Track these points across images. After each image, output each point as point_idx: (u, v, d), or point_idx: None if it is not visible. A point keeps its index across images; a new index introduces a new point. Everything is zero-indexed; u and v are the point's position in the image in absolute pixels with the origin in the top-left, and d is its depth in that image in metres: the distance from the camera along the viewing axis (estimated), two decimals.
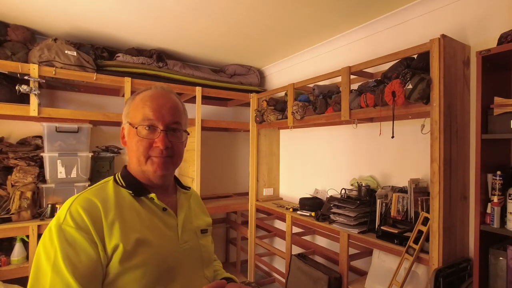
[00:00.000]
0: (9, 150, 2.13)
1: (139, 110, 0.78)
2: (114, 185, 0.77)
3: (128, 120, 0.79)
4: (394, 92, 1.55)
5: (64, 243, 0.63)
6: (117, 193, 0.75)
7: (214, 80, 2.92)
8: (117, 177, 0.80)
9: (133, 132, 0.77)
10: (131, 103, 0.81)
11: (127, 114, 0.81)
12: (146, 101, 0.78)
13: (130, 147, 0.79)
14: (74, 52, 2.22)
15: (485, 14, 1.59)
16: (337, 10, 1.99)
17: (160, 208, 0.79)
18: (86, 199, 0.70)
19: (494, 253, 1.32)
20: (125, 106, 0.83)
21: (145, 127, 0.76)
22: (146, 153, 0.76)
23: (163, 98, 0.80)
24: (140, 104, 0.78)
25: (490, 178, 1.32)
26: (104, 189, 0.76)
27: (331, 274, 1.91)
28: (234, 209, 3.05)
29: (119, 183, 0.78)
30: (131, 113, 0.79)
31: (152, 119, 0.76)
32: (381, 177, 2.11)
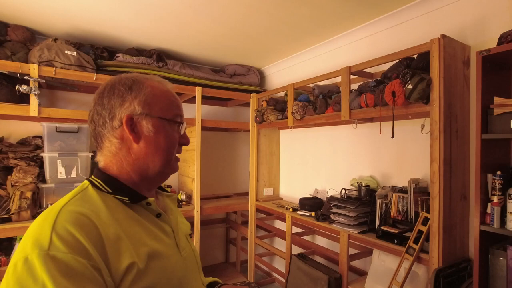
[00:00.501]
0: (9, 150, 2.13)
1: (166, 102, 0.69)
2: (98, 192, 0.63)
3: (153, 112, 0.67)
4: (394, 92, 1.55)
5: (58, 277, 0.46)
6: (105, 202, 0.61)
7: (214, 80, 2.92)
8: (97, 183, 0.64)
9: (164, 126, 0.67)
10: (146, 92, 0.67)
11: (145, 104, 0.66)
12: (170, 96, 0.71)
13: (155, 144, 0.66)
14: (74, 52, 2.22)
15: (485, 14, 1.59)
16: (337, 10, 1.99)
17: (155, 214, 0.69)
18: (73, 214, 0.54)
19: (494, 253, 1.32)
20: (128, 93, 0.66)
21: (178, 122, 0.71)
22: (174, 151, 0.70)
23: (175, 94, 0.75)
24: (164, 97, 0.70)
25: (490, 178, 1.32)
26: (87, 197, 0.61)
27: (331, 274, 1.91)
28: (234, 209, 3.05)
29: (103, 189, 0.64)
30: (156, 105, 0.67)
31: (182, 116, 0.73)
32: (381, 177, 2.11)
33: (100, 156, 0.69)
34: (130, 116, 0.65)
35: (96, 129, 0.67)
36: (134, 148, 0.66)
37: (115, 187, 0.64)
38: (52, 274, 0.46)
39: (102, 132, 0.66)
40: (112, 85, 0.68)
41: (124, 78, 0.69)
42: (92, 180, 0.65)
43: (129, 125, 0.65)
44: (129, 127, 0.65)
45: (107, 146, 0.66)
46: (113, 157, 0.66)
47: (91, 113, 0.68)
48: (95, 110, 0.67)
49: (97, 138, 0.68)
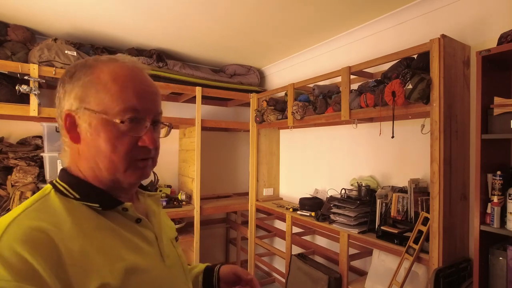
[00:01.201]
0: (9, 150, 2.13)
1: (114, 93, 0.54)
2: (62, 199, 0.53)
3: (90, 106, 0.53)
4: (394, 92, 1.55)
5: None
6: (70, 210, 0.51)
7: (214, 80, 2.92)
8: (61, 187, 0.54)
9: (105, 125, 0.53)
10: (91, 81, 0.54)
11: (84, 98, 0.54)
12: (124, 82, 0.55)
13: (95, 145, 0.54)
14: (74, 52, 2.23)
15: (485, 14, 1.59)
16: (337, 10, 1.99)
17: (133, 220, 0.59)
18: (25, 229, 0.44)
19: (494, 253, 1.32)
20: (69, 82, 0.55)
21: (129, 119, 0.54)
22: (129, 156, 0.55)
23: (145, 79, 0.58)
24: (113, 85, 0.54)
25: (490, 178, 1.32)
26: (47, 207, 0.50)
27: (331, 274, 1.91)
28: (234, 209, 3.05)
29: (69, 195, 0.53)
30: (95, 97, 0.54)
31: (138, 109, 0.55)
32: (381, 177, 2.11)
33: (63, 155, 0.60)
34: (69, 112, 0.55)
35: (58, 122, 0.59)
36: (79, 150, 0.56)
37: (83, 191, 0.54)
38: None
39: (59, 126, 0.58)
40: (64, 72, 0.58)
41: (73, 64, 0.58)
42: (56, 184, 0.55)
43: (67, 123, 0.55)
44: (67, 125, 0.55)
45: (64, 144, 0.58)
46: (70, 156, 0.58)
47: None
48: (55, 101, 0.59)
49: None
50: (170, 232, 0.72)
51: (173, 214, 2.54)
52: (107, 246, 0.51)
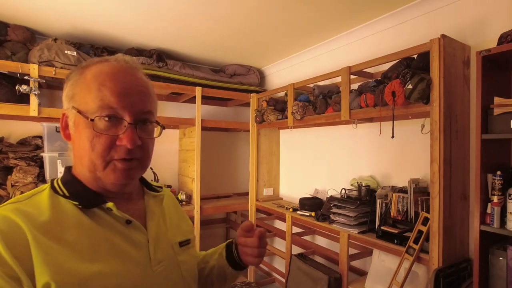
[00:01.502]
0: (9, 150, 2.13)
1: (93, 92, 0.54)
2: (51, 195, 0.55)
3: (75, 105, 0.56)
4: (394, 92, 1.55)
5: None
6: (54, 206, 0.53)
7: (214, 80, 2.92)
8: (56, 184, 0.57)
9: (85, 123, 0.54)
10: (78, 80, 0.56)
11: (72, 96, 0.56)
12: (104, 80, 0.55)
13: (79, 143, 0.56)
14: (74, 52, 2.23)
15: (485, 14, 1.59)
16: (337, 10, 1.99)
17: (123, 221, 0.58)
18: (2, 218, 0.48)
19: (494, 253, 1.32)
20: (67, 84, 0.58)
21: (105, 118, 0.54)
22: (106, 154, 0.54)
23: (129, 77, 0.57)
24: (94, 84, 0.55)
25: (490, 178, 1.32)
26: (34, 201, 0.54)
27: (331, 274, 1.91)
28: (234, 209, 3.05)
29: (59, 192, 0.56)
30: (79, 96, 0.55)
31: (115, 107, 0.54)
32: (381, 177, 2.11)
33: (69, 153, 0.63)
34: (63, 112, 0.59)
35: None
36: (73, 148, 0.59)
37: (72, 190, 0.56)
38: None
39: None
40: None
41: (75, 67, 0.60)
42: (53, 182, 0.58)
43: (62, 122, 0.59)
44: (62, 125, 0.59)
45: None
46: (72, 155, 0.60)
47: None
48: None
49: None
50: (177, 235, 0.69)
51: None
52: (74, 244, 0.51)
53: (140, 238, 0.59)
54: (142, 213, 0.64)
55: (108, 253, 0.54)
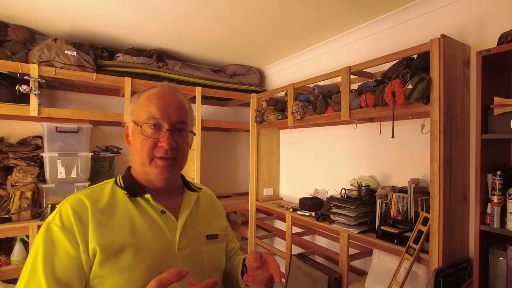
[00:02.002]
0: (9, 150, 2.13)
1: (144, 108, 0.75)
2: (113, 186, 0.76)
3: (133, 118, 0.77)
4: (394, 92, 1.55)
5: (48, 241, 0.64)
6: (112, 194, 0.74)
7: (214, 80, 2.92)
8: (118, 178, 0.78)
9: (138, 130, 0.74)
10: (136, 101, 0.78)
11: (132, 112, 0.78)
12: (152, 99, 0.75)
13: (134, 146, 0.76)
14: (74, 52, 2.22)
15: (485, 14, 1.59)
16: (337, 10, 1.99)
17: (158, 211, 0.75)
18: (77, 199, 0.70)
19: (494, 253, 1.32)
20: (130, 104, 0.80)
21: (150, 125, 0.73)
22: (151, 153, 0.73)
23: (170, 96, 0.77)
24: (145, 102, 0.75)
25: (490, 178, 1.32)
26: (101, 189, 0.75)
27: (331, 274, 1.91)
28: (234, 209, 3.05)
29: (118, 184, 0.76)
30: (136, 111, 0.77)
31: (157, 118, 0.73)
32: (381, 177, 2.11)
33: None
34: (126, 124, 0.80)
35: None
36: (131, 150, 0.78)
37: (125, 182, 0.76)
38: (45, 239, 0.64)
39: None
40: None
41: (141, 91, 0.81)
42: (117, 178, 0.79)
43: (126, 131, 0.80)
44: (126, 133, 0.80)
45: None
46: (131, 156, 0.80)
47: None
48: None
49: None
50: (207, 229, 0.84)
51: None
52: (117, 223, 0.69)
53: (170, 226, 0.75)
54: (177, 207, 0.80)
55: (142, 233, 0.70)
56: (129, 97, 2.41)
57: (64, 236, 0.64)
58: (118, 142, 2.78)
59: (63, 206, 0.68)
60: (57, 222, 0.65)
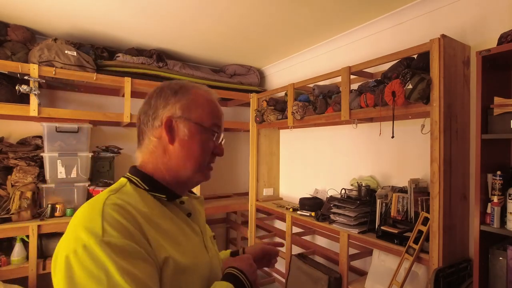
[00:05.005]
0: (9, 150, 2.13)
1: (206, 111, 0.71)
2: (136, 189, 0.66)
3: (192, 118, 0.69)
4: (394, 92, 1.55)
5: (115, 259, 0.51)
6: (142, 197, 0.65)
7: (214, 80, 2.92)
8: (135, 180, 0.68)
9: (200, 132, 0.69)
10: (189, 98, 0.71)
11: (185, 108, 0.69)
12: (212, 105, 0.73)
13: (188, 149, 0.69)
14: (74, 52, 2.22)
15: (485, 14, 1.59)
16: (337, 10, 1.99)
17: (186, 213, 0.72)
18: (116, 206, 0.58)
19: (494, 253, 1.32)
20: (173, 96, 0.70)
21: (216, 132, 0.72)
22: (207, 159, 0.71)
23: (219, 105, 0.76)
24: (206, 105, 0.72)
25: (490, 178, 1.32)
26: (126, 193, 0.64)
27: (331, 274, 1.91)
28: (234, 209, 3.05)
29: (142, 187, 0.67)
30: (195, 112, 0.70)
31: (219, 126, 0.74)
32: (381, 177, 2.11)
33: (139, 153, 0.73)
34: (170, 118, 0.69)
35: (140, 126, 0.72)
36: (169, 149, 0.69)
37: (152, 185, 0.68)
38: (111, 257, 0.51)
39: (144, 130, 0.71)
40: (161, 88, 0.73)
41: (173, 83, 0.73)
42: (130, 178, 0.69)
43: (168, 126, 0.68)
44: (167, 127, 0.68)
45: (146, 144, 0.71)
46: (150, 155, 0.70)
47: (140, 111, 0.74)
48: (143, 109, 0.72)
49: (140, 135, 0.73)
50: (209, 231, 0.84)
51: None
52: (169, 230, 0.64)
53: (197, 228, 0.73)
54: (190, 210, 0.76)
55: (186, 238, 0.67)
56: (129, 97, 2.41)
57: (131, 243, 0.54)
58: (118, 142, 2.78)
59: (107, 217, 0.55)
60: (114, 234, 0.53)
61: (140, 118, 0.72)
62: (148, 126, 0.70)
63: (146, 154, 0.71)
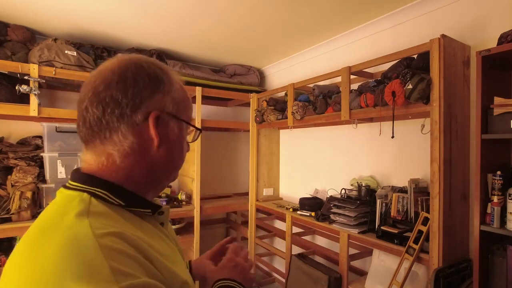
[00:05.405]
0: (9, 150, 2.13)
1: (189, 108, 0.61)
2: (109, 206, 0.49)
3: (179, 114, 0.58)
4: (394, 92, 1.55)
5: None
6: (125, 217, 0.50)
7: (214, 80, 2.92)
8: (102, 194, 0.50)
9: (184, 131, 0.60)
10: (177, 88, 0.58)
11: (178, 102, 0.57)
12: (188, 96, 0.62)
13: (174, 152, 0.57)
14: (74, 52, 2.22)
15: (485, 14, 1.59)
16: (337, 10, 1.99)
17: (159, 222, 0.60)
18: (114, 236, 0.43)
19: (494, 253, 1.32)
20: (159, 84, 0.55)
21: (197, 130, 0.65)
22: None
23: None
24: (188, 101, 0.61)
25: (490, 178, 1.32)
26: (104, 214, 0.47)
27: (331, 274, 1.91)
28: (234, 209, 3.05)
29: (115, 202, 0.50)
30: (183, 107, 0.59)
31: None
32: (381, 177, 2.11)
33: (92, 155, 0.53)
34: (159, 112, 0.53)
35: (104, 117, 0.50)
36: (152, 152, 0.54)
37: (127, 198, 0.52)
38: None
39: (113, 124, 0.51)
40: (139, 67, 0.54)
41: (152, 63, 0.56)
42: (92, 191, 0.49)
43: (156, 122, 0.53)
44: (155, 124, 0.53)
45: (116, 143, 0.51)
46: (121, 158, 0.52)
47: (100, 94, 0.50)
48: (110, 93, 0.50)
49: (101, 130, 0.51)
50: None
51: (173, 214, 2.54)
52: (165, 251, 0.53)
53: (171, 236, 0.62)
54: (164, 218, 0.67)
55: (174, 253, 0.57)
56: None
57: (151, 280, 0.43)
58: None
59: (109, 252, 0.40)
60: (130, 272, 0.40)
61: (103, 105, 0.50)
62: (124, 120, 0.51)
63: (113, 157, 0.52)
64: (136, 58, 0.56)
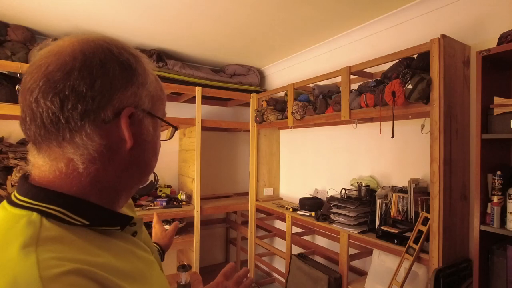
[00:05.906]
0: (9, 150, 2.13)
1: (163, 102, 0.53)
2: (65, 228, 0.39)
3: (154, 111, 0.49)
4: (394, 92, 1.55)
5: None
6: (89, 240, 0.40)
7: (214, 80, 2.92)
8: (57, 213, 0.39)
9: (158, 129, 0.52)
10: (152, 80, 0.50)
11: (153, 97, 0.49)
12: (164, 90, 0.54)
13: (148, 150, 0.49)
14: None
15: (485, 14, 1.59)
16: (337, 10, 1.99)
17: (131, 233, 0.50)
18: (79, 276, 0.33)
19: (494, 253, 1.32)
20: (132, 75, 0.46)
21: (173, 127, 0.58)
22: None
23: None
24: (162, 93, 0.53)
25: (490, 178, 1.32)
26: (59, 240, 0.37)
27: (331, 274, 1.91)
28: (234, 209, 3.05)
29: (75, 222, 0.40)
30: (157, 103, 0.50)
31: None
32: (381, 177, 2.11)
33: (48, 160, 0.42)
34: (133, 109, 0.45)
35: (62, 113, 0.40)
36: (123, 155, 0.45)
37: (92, 215, 0.42)
38: None
39: (75, 122, 0.41)
40: (108, 52, 0.45)
41: (123, 48, 0.48)
42: (42, 209, 0.39)
43: (129, 120, 0.44)
44: (128, 123, 0.44)
45: (79, 146, 0.41)
46: (86, 164, 0.42)
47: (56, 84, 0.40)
48: (70, 83, 0.40)
49: (59, 130, 0.41)
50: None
51: (173, 214, 2.54)
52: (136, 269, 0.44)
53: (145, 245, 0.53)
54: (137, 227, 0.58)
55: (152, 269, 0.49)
56: None
57: None
58: None
59: None
60: None
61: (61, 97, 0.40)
62: (88, 117, 0.41)
63: (74, 163, 0.42)
64: (102, 40, 0.46)
